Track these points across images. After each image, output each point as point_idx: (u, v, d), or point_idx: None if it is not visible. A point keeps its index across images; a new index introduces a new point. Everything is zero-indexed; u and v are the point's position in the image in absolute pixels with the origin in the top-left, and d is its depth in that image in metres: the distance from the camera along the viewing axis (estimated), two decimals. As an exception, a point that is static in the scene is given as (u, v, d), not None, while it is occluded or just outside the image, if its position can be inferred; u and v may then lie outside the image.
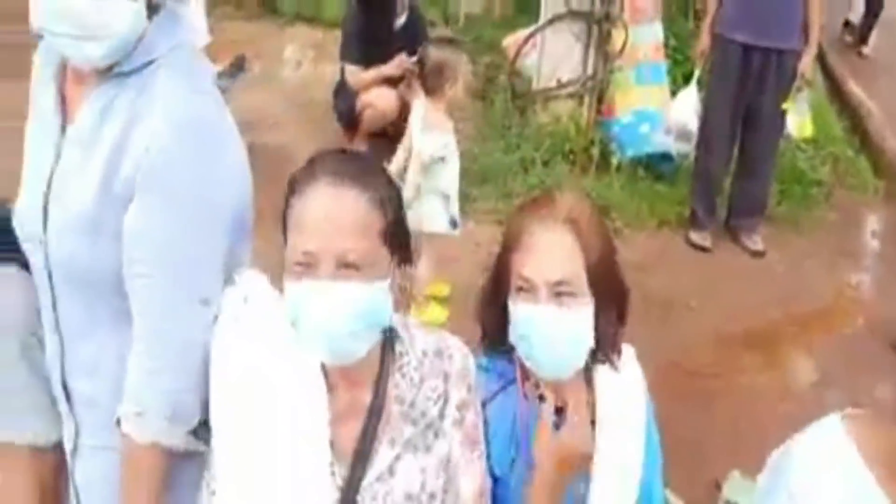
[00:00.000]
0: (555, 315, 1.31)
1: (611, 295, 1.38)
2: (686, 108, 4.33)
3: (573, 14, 4.46)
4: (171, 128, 1.18)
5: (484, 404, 1.40)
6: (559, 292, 1.31)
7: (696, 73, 4.32)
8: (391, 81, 4.16)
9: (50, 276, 1.28)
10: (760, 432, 2.65)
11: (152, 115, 1.18)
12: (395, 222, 1.18)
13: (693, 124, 4.27)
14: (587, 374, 1.45)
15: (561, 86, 4.61)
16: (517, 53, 4.73)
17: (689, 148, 4.39)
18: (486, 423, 1.40)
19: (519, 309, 1.34)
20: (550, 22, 4.50)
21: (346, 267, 1.12)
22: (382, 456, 1.21)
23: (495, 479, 1.40)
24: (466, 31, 5.57)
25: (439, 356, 1.29)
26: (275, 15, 5.55)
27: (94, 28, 1.16)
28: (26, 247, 1.30)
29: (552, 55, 4.57)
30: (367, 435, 1.21)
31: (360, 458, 1.20)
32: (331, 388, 1.21)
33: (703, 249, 4.15)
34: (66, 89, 1.28)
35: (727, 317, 3.59)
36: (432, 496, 1.24)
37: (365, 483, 1.20)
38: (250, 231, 1.38)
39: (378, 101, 4.07)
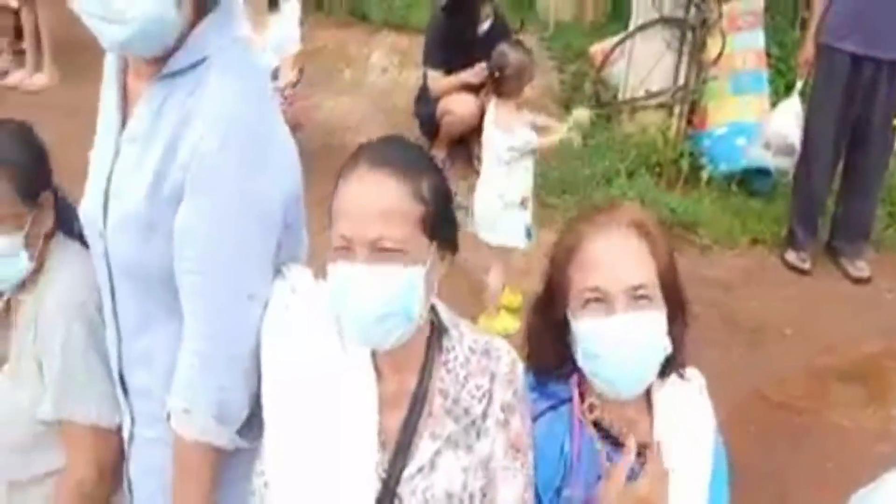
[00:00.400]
0: (633, 323, 1.23)
1: (678, 303, 1.30)
2: (787, 120, 4.03)
3: (665, 21, 4.27)
4: (217, 129, 1.18)
5: (534, 421, 1.32)
6: (639, 296, 1.23)
7: (799, 84, 4.03)
8: (472, 88, 4.10)
9: (109, 270, 1.31)
10: (850, 475, 2.40)
11: (200, 116, 1.19)
12: (438, 213, 1.17)
13: (794, 138, 3.97)
14: (647, 394, 1.35)
15: (650, 96, 4.43)
16: (604, 61, 4.59)
17: (789, 163, 4.10)
18: (534, 444, 1.31)
19: (589, 325, 1.25)
20: (640, 29, 4.34)
21: (380, 251, 1.12)
22: (423, 449, 1.20)
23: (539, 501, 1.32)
24: (556, 38, 5.46)
25: (486, 355, 1.25)
26: (364, 22, 5.61)
27: (117, 10, 1.15)
28: (90, 240, 1.35)
29: (641, 64, 4.40)
30: (409, 425, 1.21)
31: (402, 448, 1.20)
32: (378, 376, 1.22)
33: (801, 272, 3.87)
34: (128, 86, 1.30)
35: (823, 347, 3.32)
36: (472, 497, 1.22)
37: (405, 475, 1.19)
38: (302, 227, 1.38)
39: (458, 106, 4.02)
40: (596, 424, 1.33)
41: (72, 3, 1.18)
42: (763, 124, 4.26)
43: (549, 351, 1.33)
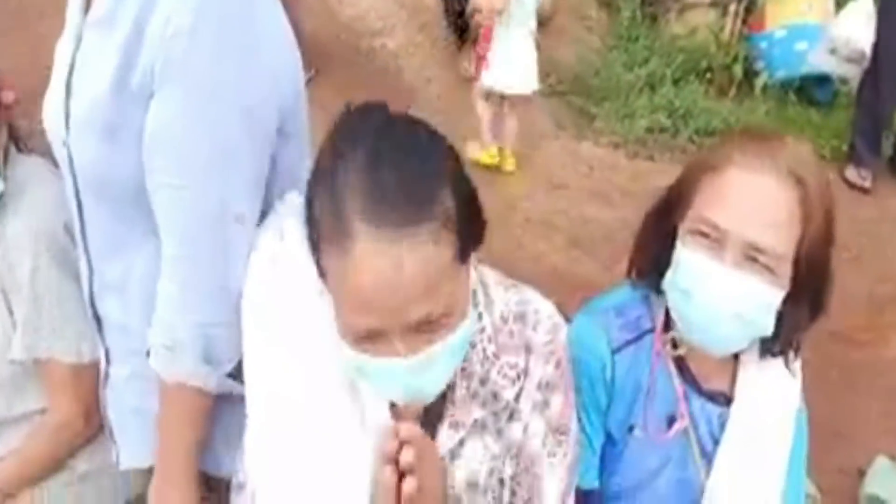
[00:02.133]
0: (739, 283, 1.04)
1: (812, 284, 1.08)
2: (856, 22, 3.68)
3: None
4: (187, 6, 1.00)
5: (616, 351, 1.19)
6: (754, 258, 1.02)
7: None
8: (506, -18, 3.73)
9: (76, 185, 1.14)
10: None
11: None
12: (467, 220, 0.90)
13: (864, 42, 3.62)
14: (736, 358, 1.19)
15: (703, -9, 4.04)
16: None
17: (855, 71, 3.77)
18: (615, 377, 1.20)
19: (690, 256, 1.07)
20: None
21: (426, 329, 0.88)
22: (442, 441, 1.01)
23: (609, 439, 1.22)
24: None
25: (522, 321, 1.04)
26: None
27: None
28: (55, 150, 1.17)
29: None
30: (431, 411, 1.01)
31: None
32: None
33: (862, 190, 3.62)
34: None
35: (886, 272, 3.09)
36: (502, 483, 1.04)
37: None
38: (305, 139, 1.18)
39: (487, 3, 3.67)
40: (680, 361, 1.18)
41: None
42: (828, 27, 3.91)
43: (651, 257, 1.16)
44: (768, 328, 1.07)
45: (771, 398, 1.19)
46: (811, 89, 4.09)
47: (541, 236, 3.00)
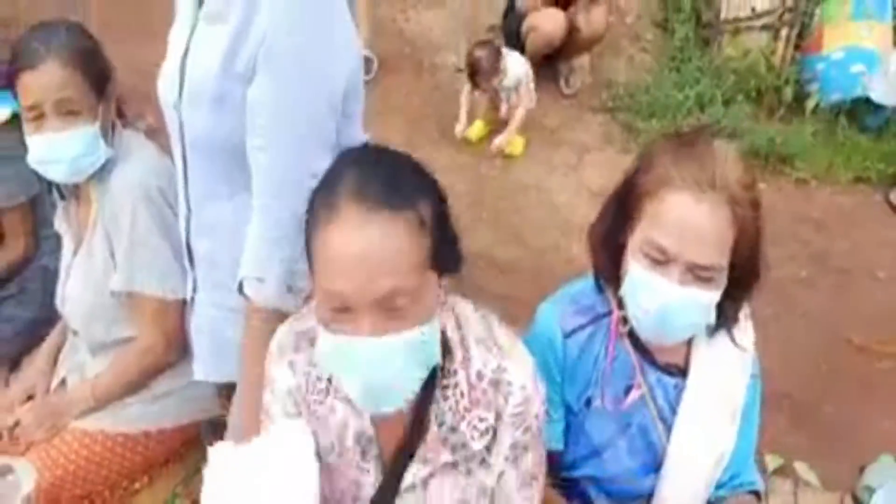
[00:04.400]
0: (683, 297, 1.17)
1: (747, 275, 1.22)
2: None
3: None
4: (286, 13, 1.25)
5: (568, 335, 1.33)
6: (700, 276, 1.16)
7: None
8: (562, 4, 3.91)
9: (183, 144, 1.39)
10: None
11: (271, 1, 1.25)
12: (442, 239, 1.02)
13: None
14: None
15: (755, 16, 4.11)
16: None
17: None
18: (566, 357, 1.33)
19: (641, 274, 1.19)
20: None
21: (389, 311, 0.96)
22: (414, 471, 1.12)
23: (570, 410, 1.35)
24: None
25: (495, 387, 1.09)
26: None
27: None
28: (167, 115, 1.42)
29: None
30: (402, 452, 1.12)
31: (393, 472, 1.13)
32: None
33: None
34: None
35: None
36: None
37: (402, 489, 1.13)
38: (359, 121, 1.41)
39: (545, 23, 3.85)
40: (633, 339, 1.31)
41: None
42: (886, 53, 3.90)
43: (604, 263, 1.30)
44: (711, 318, 1.20)
45: (723, 369, 1.32)
46: (863, 115, 4.04)
47: (576, 240, 3.17)
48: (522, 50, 4.08)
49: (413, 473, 1.12)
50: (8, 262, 2.05)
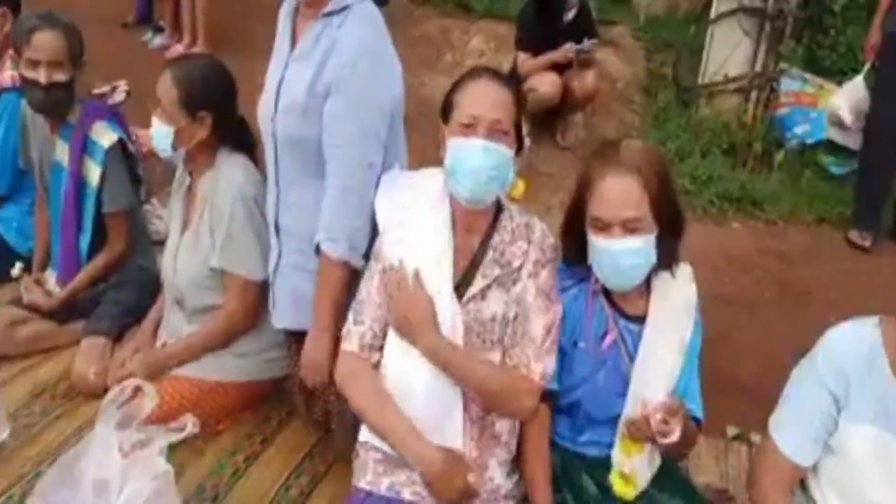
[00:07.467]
0: (626, 245, 1.63)
1: (670, 220, 1.68)
2: (845, 101, 4.30)
3: (744, 10, 4.53)
4: (354, 54, 1.77)
5: (559, 292, 1.75)
6: (630, 227, 1.62)
7: (866, 67, 4.22)
8: (558, 69, 4.48)
9: (275, 144, 1.90)
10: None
11: (343, 44, 1.78)
12: (519, 123, 1.68)
13: (848, 119, 4.26)
14: (647, 282, 1.75)
15: (728, 80, 4.69)
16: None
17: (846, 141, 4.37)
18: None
19: (596, 243, 1.66)
20: (719, 18, 4.61)
21: (496, 132, 1.61)
22: (477, 283, 1.67)
23: (561, 350, 1.74)
24: (647, 29, 5.75)
25: (528, 227, 1.74)
26: (467, 12, 6.09)
27: None
28: (262, 126, 1.94)
29: (720, 50, 4.67)
30: (472, 265, 1.69)
31: (464, 282, 1.68)
32: (454, 234, 1.70)
33: (862, 249, 3.99)
34: (297, 24, 1.92)
35: (866, 310, 3.48)
36: (506, 321, 1.68)
37: (464, 299, 1.66)
38: (401, 133, 1.94)
39: (541, 85, 4.37)
40: (608, 296, 1.76)
41: None
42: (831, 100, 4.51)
43: (574, 248, 1.76)
44: (653, 258, 1.66)
45: (672, 314, 1.74)
46: (826, 165, 4.56)
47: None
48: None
49: (476, 286, 1.66)
50: (112, 257, 2.55)
